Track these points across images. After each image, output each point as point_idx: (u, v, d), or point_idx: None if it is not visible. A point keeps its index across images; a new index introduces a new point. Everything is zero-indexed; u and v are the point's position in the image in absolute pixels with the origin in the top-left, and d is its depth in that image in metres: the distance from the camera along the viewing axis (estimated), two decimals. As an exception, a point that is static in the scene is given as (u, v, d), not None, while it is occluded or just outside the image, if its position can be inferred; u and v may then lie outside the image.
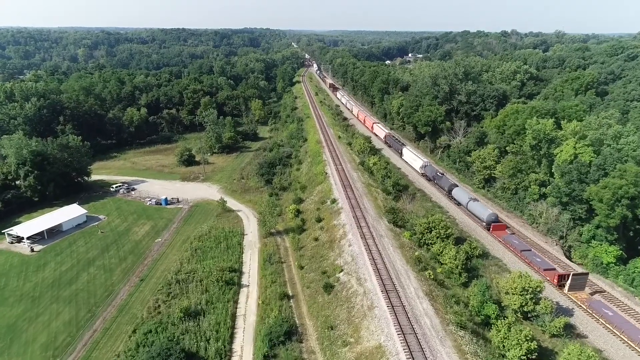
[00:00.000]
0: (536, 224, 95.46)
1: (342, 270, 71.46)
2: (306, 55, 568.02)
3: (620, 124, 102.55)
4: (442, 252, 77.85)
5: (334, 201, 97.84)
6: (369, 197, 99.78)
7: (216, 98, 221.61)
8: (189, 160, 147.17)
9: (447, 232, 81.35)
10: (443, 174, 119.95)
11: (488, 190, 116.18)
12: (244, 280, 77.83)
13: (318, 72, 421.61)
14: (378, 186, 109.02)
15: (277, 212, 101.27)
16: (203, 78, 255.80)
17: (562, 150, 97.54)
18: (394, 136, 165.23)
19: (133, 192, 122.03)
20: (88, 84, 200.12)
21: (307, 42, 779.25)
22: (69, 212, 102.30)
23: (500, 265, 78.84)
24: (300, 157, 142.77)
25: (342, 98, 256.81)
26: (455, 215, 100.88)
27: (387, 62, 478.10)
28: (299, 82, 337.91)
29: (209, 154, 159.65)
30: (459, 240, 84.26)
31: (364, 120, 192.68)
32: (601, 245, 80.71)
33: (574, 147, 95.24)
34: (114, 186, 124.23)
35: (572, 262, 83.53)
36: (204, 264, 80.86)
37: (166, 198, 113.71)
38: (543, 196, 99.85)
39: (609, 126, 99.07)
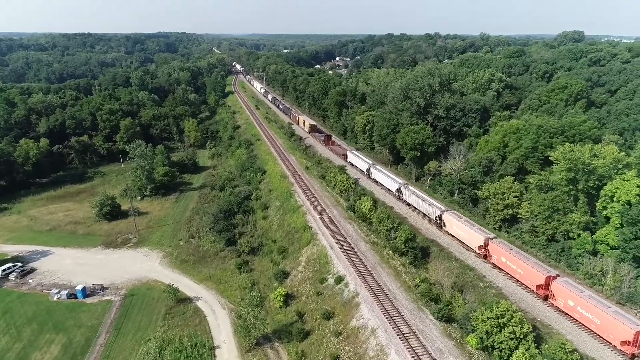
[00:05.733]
0: (599, 285, 73.98)
1: None
2: (235, 64, 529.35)
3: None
4: (529, 364, 52.78)
5: (339, 280, 69.06)
6: (384, 267, 72.27)
7: (139, 119, 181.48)
8: (112, 213, 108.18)
9: (524, 330, 56.40)
10: None
11: (508, 232, 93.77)
12: None
13: (270, 96, 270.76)
14: (385, 244, 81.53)
15: (257, 299, 70.31)
16: (120, 93, 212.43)
17: (618, 188, 77.41)
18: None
19: (31, 279, 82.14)
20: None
21: (228, 46, 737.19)
22: None
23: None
24: (263, 199, 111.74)
25: (357, 160, 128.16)
26: (495, 280, 76.20)
27: (317, 66, 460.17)
28: (232, 92, 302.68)
29: (139, 198, 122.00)
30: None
31: (440, 218, 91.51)
32: None
33: (638, 185, 75.42)
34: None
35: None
36: None
37: (84, 287, 76.89)
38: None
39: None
